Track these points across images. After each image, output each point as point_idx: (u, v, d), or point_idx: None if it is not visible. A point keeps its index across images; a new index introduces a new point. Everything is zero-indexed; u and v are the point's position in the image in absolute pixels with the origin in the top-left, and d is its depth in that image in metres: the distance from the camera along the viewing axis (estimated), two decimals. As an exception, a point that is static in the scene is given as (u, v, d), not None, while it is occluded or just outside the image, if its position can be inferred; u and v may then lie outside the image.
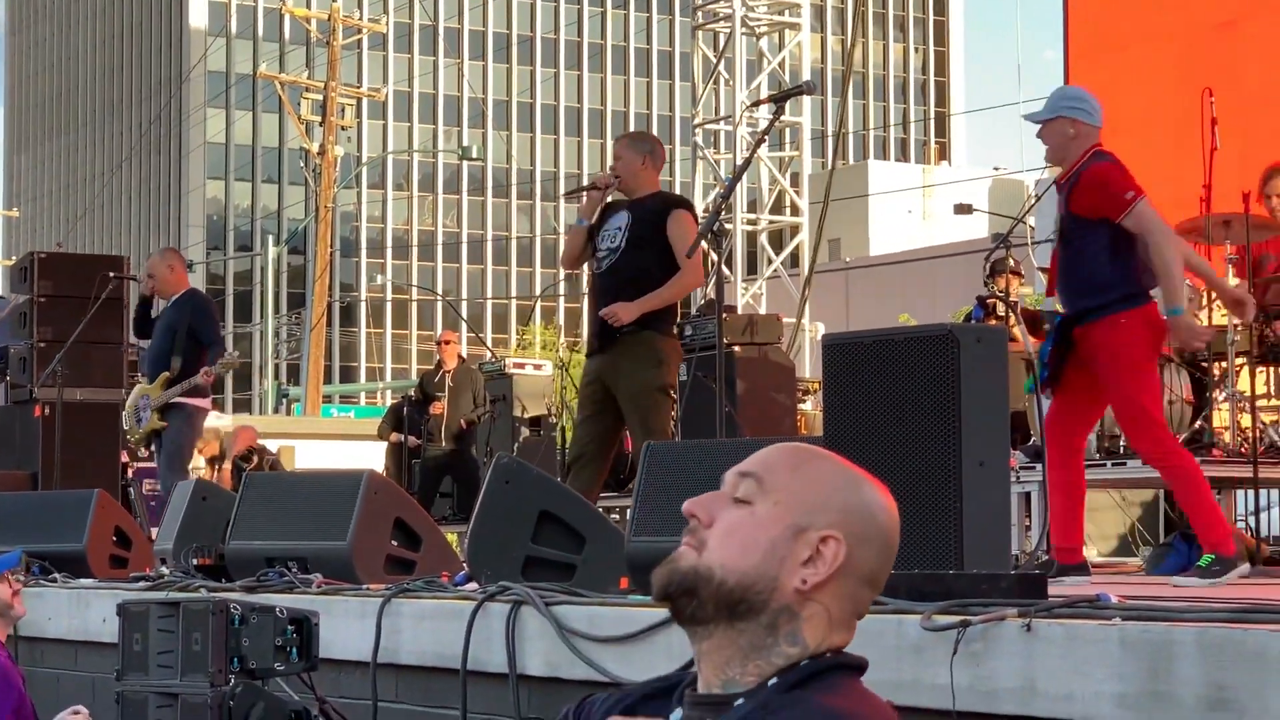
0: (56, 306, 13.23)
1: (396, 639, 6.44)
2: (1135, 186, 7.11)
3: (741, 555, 2.35)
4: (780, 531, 2.37)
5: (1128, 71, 13.15)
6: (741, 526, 2.37)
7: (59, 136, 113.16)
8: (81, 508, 9.42)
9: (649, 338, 8.90)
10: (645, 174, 9.24)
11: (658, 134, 69.40)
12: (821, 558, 2.36)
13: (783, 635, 2.35)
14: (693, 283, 9.34)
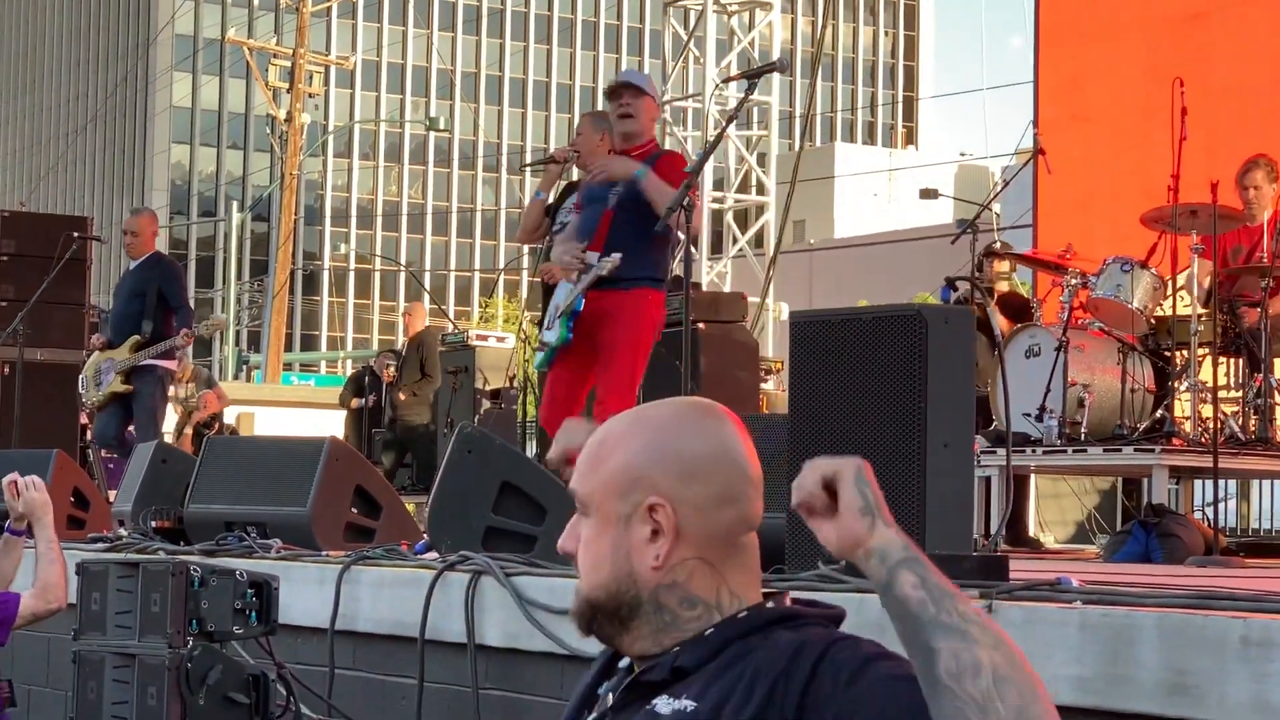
0: (19, 265, 13.17)
1: (355, 606, 6.42)
2: None
3: (596, 571, 2.39)
4: (612, 531, 2.38)
5: (1097, 60, 13.17)
6: (586, 545, 2.41)
7: (24, 95, 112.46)
8: (39, 468, 9.34)
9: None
10: (603, 151, 9.24)
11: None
12: (661, 526, 2.36)
13: (673, 608, 2.36)
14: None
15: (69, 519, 9.29)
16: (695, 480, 2.37)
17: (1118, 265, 9.43)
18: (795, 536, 5.10)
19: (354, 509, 7.54)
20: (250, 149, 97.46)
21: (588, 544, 2.40)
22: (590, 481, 2.41)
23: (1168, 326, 9.48)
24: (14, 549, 6.43)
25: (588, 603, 2.40)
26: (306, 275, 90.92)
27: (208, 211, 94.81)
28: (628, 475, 2.37)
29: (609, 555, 2.37)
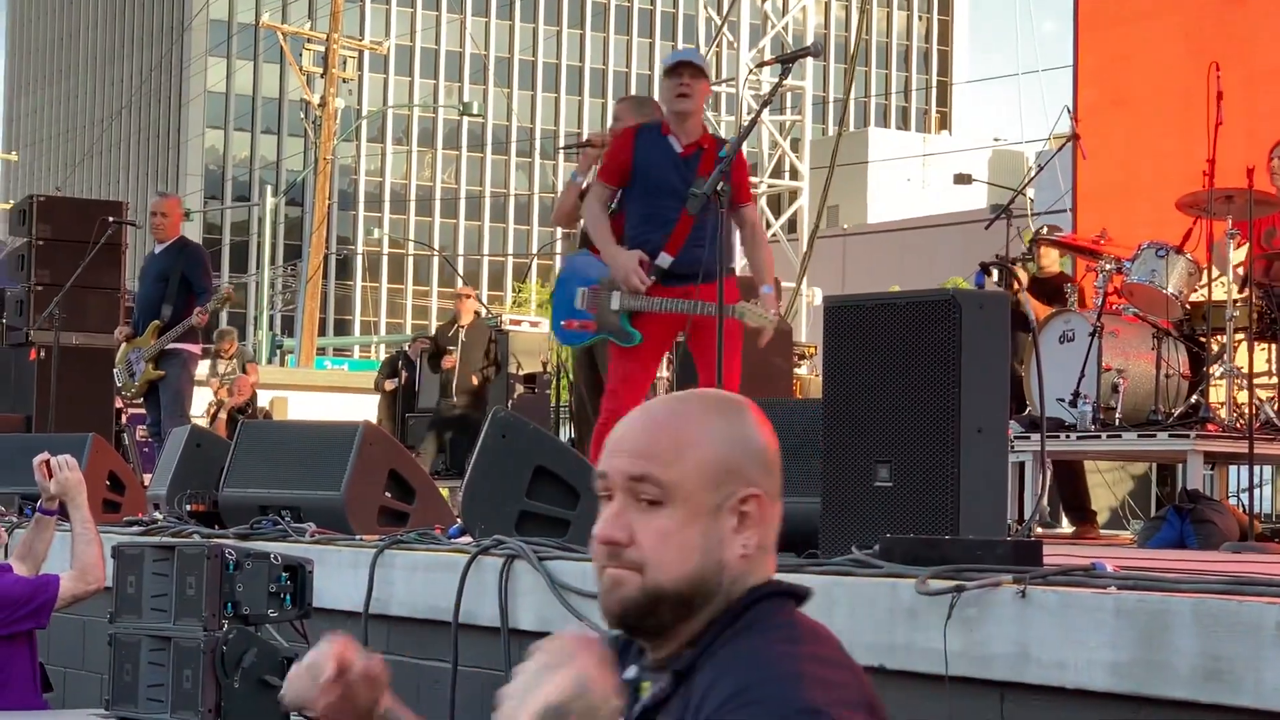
0: (55, 250, 13.21)
1: (389, 590, 6.44)
2: None
3: (683, 561, 2.31)
4: (705, 519, 2.33)
5: (1137, 44, 13.11)
6: (666, 535, 2.31)
7: (60, 81, 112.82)
8: (75, 451, 9.37)
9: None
10: None
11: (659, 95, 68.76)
12: (749, 518, 2.35)
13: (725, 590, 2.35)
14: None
15: (104, 502, 9.34)
16: (772, 471, 2.39)
17: (1152, 250, 9.39)
18: (828, 521, 5.10)
19: (388, 493, 7.55)
20: (284, 134, 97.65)
21: (668, 534, 2.30)
22: (676, 470, 2.32)
23: (1203, 311, 9.43)
24: (46, 529, 6.46)
25: (662, 593, 2.30)
26: (340, 260, 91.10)
27: (242, 196, 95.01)
28: (723, 465, 2.34)
29: (700, 544, 2.31)
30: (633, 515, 2.32)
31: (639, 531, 2.31)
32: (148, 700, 5.06)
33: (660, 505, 2.32)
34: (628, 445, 2.35)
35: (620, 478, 2.33)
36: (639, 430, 2.36)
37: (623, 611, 2.33)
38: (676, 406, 2.38)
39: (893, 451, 4.95)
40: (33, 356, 12.99)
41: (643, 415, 2.38)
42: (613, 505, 2.34)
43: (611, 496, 2.35)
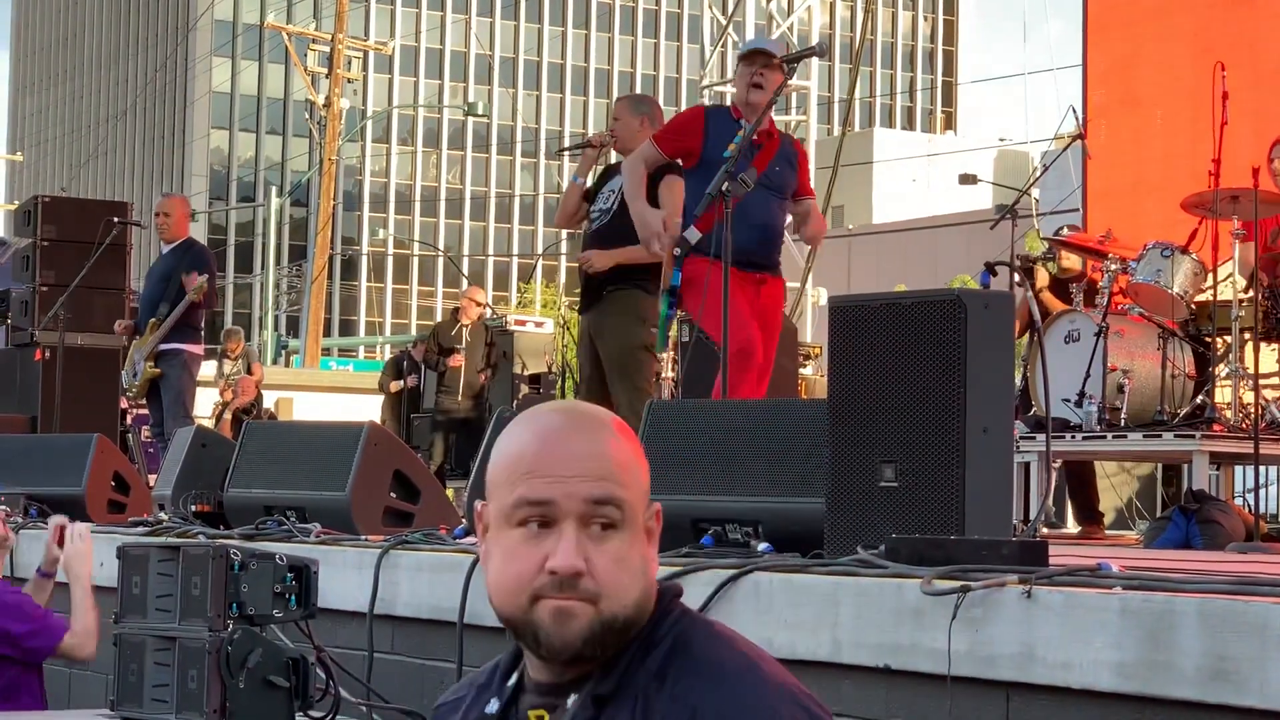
0: (60, 251, 13.21)
1: (394, 590, 6.44)
2: None
3: (632, 586, 2.24)
4: (640, 540, 2.27)
5: (1145, 45, 13.10)
6: (619, 561, 2.22)
7: (64, 82, 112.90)
8: (80, 452, 9.42)
9: (633, 295, 8.91)
10: (643, 136, 9.21)
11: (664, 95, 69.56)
12: (653, 532, 2.31)
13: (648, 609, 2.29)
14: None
15: (110, 503, 9.35)
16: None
17: (1158, 250, 9.38)
18: (834, 521, 5.09)
19: (393, 494, 7.55)
20: (289, 134, 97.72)
21: (621, 559, 2.22)
22: (629, 492, 2.24)
23: (1208, 312, 9.43)
24: (44, 590, 6.52)
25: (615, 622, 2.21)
26: (345, 260, 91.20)
27: (247, 197, 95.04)
28: (646, 482, 2.30)
29: (640, 568, 2.25)
30: (586, 545, 2.21)
31: (592, 559, 2.20)
32: (153, 701, 5.06)
33: (614, 529, 2.23)
34: (578, 469, 2.22)
35: (575, 503, 2.21)
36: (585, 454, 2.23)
37: (582, 646, 2.22)
38: (595, 425, 2.27)
39: (898, 451, 4.95)
40: (38, 357, 13.00)
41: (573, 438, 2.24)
42: (567, 532, 2.21)
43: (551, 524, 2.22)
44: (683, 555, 5.45)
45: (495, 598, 2.25)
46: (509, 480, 2.23)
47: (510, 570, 2.22)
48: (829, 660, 4.71)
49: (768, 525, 5.46)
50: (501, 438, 2.29)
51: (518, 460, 2.24)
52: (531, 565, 2.20)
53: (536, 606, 2.21)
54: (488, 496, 2.28)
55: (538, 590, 2.20)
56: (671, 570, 5.25)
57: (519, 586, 2.21)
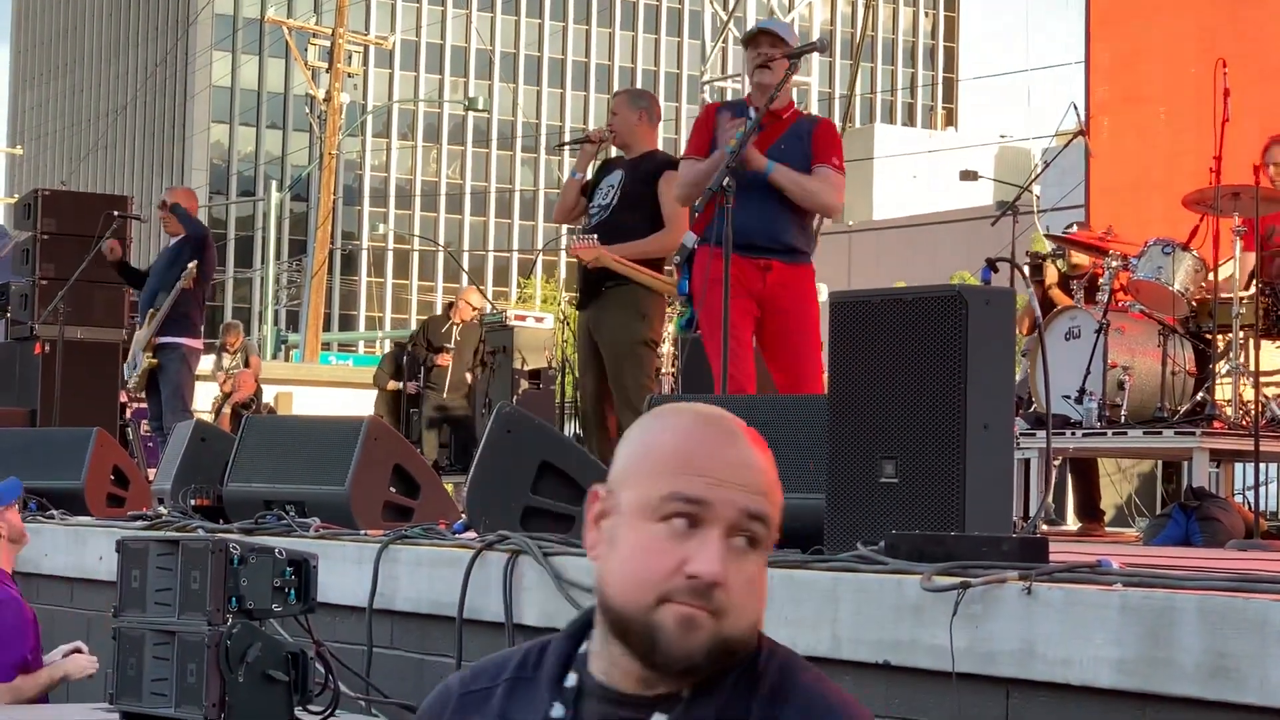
0: (59, 244, 13.21)
1: (393, 585, 6.43)
2: None
3: (756, 610, 2.14)
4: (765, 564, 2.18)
5: (1148, 42, 13.09)
6: (753, 580, 2.12)
7: (64, 75, 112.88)
8: (80, 446, 9.42)
9: (633, 291, 8.84)
10: (642, 130, 9.23)
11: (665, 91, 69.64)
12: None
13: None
14: (674, 242, 9.14)
15: (109, 497, 9.35)
16: None
17: (1159, 247, 9.38)
18: (834, 517, 5.09)
19: (392, 488, 7.54)
20: (289, 129, 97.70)
21: (752, 580, 2.11)
22: (775, 512, 2.14)
23: (1209, 309, 9.42)
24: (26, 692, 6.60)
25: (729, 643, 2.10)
26: (345, 255, 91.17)
27: (247, 191, 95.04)
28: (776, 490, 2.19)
29: (762, 594, 2.15)
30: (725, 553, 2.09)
31: (730, 573, 2.08)
32: (152, 695, 5.06)
33: (755, 548, 2.13)
34: (739, 478, 2.11)
35: (730, 511, 2.10)
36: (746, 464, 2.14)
37: (703, 660, 2.09)
38: (750, 436, 2.17)
39: (898, 447, 4.94)
40: (37, 351, 12.99)
41: (736, 445, 2.14)
42: (714, 539, 2.09)
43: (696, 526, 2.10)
44: (682, 551, 5.44)
45: (615, 590, 2.11)
46: (661, 472, 2.11)
47: (643, 564, 2.09)
48: (828, 656, 4.70)
49: (767, 521, 5.44)
50: (652, 427, 2.18)
51: (676, 454, 2.12)
52: (668, 564, 2.08)
53: (661, 609, 2.08)
54: (621, 482, 2.15)
55: (668, 592, 2.08)
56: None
57: (649, 583, 2.08)
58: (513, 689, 2.23)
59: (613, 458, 2.21)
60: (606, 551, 2.15)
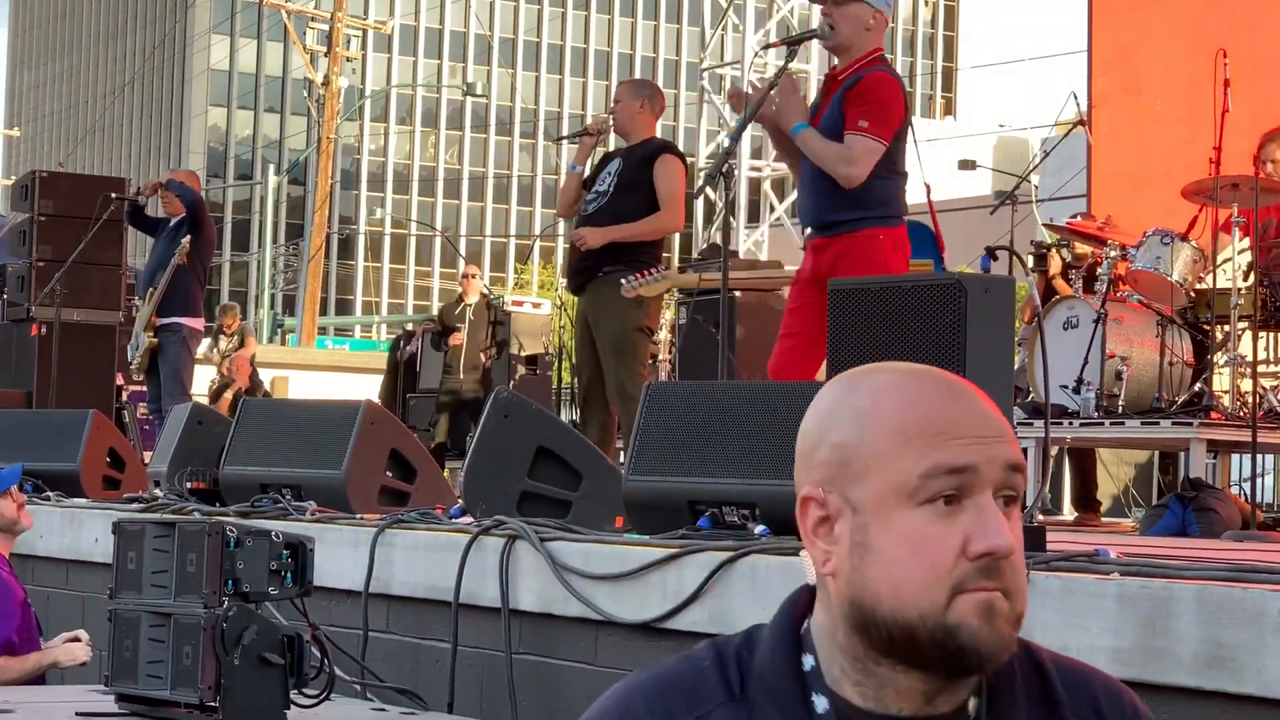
0: (56, 226, 13.18)
1: (389, 569, 6.43)
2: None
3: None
4: None
5: (1146, 32, 13.09)
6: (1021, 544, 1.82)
7: (62, 57, 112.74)
8: (76, 428, 9.41)
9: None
10: (642, 119, 9.27)
11: (664, 78, 69.62)
12: None
13: None
14: (670, 224, 9.11)
15: (104, 479, 9.34)
16: None
17: (1157, 238, 9.38)
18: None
19: (389, 472, 7.54)
20: (287, 112, 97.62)
21: (1022, 544, 1.81)
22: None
23: (1207, 300, 9.42)
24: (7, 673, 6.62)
25: (1021, 623, 1.81)
26: (342, 239, 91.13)
27: (244, 175, 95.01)
28: None
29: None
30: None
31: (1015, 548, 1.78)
32: (147, 677, 5.05)
33: (1016, 505, 1.81)
34: (994, 429, 1.80)
35: (997, 469, 1.78)
36: (986, 410, 1.82)
37: (1002, 652, 1.78)
38: (960, 379, 1.86)
39: (896, 435, 4.93)
40: (34, 332, 12.97)
41: (965, 390, 1.83)
42: (990, 505, 1.77)
43: (960, 498, 1.77)
44: (679, 537, 5.44)
45: (892, 600, 1.75)
46: (908, 448, 1.77)
47: (924, 559, 1.75)
48: (825, 643, 4.70)
49: (765, 508, 5.44)
50: (861, 404, 1.83)
51: (919, 423, 1.78)
52: (950, 550, 1.74)
53: (957, 603, 1.75)
54: (847, 477, 1.80)
55: (959, 581, 1.75)
56: (668, 552, 5.25)
57: (937, 579, 1.74)
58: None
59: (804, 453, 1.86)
60: (858, 561, 1.78)
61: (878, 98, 6.97)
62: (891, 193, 7.00)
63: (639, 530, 5.78)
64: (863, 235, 6.99)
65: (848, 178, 6.98)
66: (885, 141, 6.91)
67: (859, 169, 6.92)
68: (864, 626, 1.78)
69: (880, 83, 7.02)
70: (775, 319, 13.25)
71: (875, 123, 6.92)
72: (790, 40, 7.62)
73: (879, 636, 1.78)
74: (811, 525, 1.82)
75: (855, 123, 6.94)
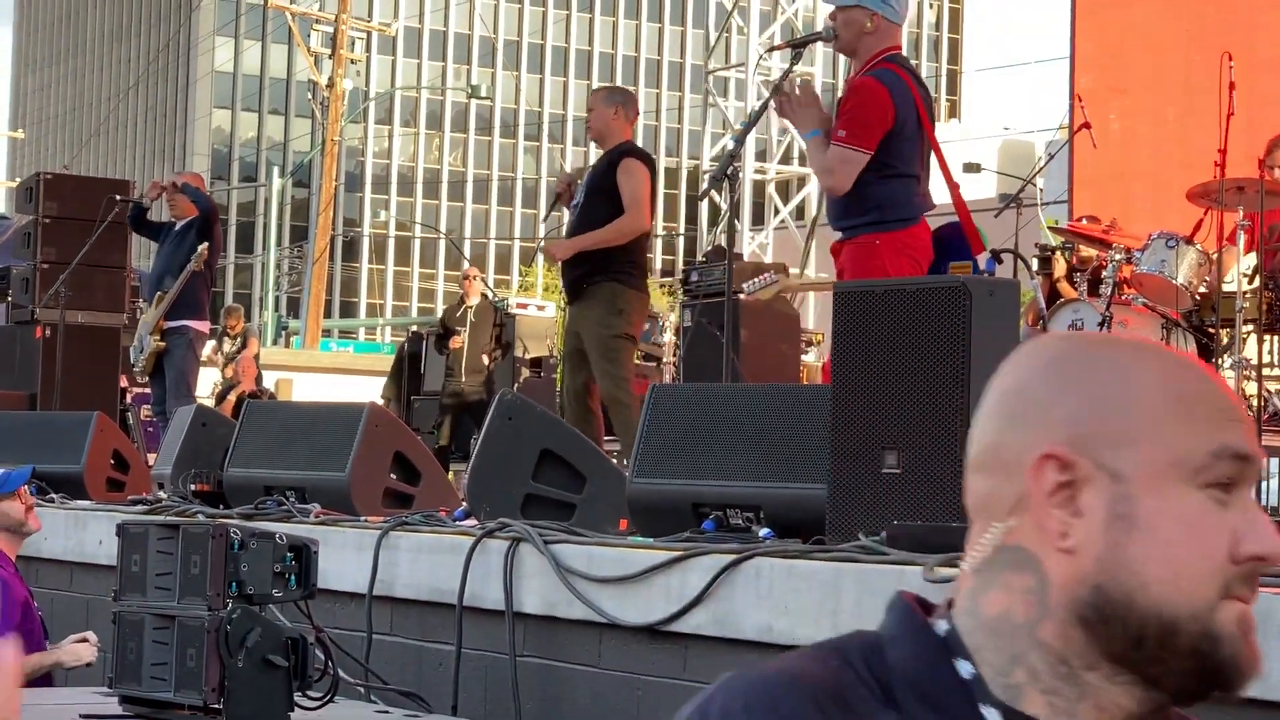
0: (61, 228, 13.18)
1: (393, 572, 6.43)
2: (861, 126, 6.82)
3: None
4: None
5: (1134, 30, 13.05)
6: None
7: (67, 59, 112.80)
8: (80, 430, 9.41)
9: (611, 288, 9.06)
10: (617, 125, 9.49)
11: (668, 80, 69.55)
12: None
13: None
14: (634, 226, 9.18)
15: (108, 481, 9.34)
16: None
17: (1163, 241, 9.37)
18: (836, 507, 5.08)
19: (393, 475, 7.54)
20: (291, 115, 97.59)
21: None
22: None
23: (1212, 303, 9.41)
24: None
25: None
26: (346, 242, 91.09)
27: (248, 177, 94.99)
28: None
29: None
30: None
31: None
32: (151, 679, 5.05)
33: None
34: (1249, 423, 1.57)
35: (1259, 467, 1.55)
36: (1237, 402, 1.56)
37: (1255, 678, 1.55)
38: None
39: (901, 438, 4.93)
40: (38, 334, 12.97)
41: (1218, 376, 1.58)
42: (1255, 505, 1.53)
43: (1234, 487, 1.51)
44: (684, 540, 5.45)
45: (1167, 590, 1.48)
46: (1195, 418, 1.51)
47: (1197, 547, 1.48)
48: (829, 647, 4.69)
49: (769, 511, 5.45)
50: (1130, 365, 1.53)
51: (1205, 395, 1.53)
52: (1221, 545, 1.49)
53: (1221, 609, 1.49)
54: (1118, 438, 1.50)
55: (1227, 584, 1.49)
56: (672, 555, 5.25)
57: (1207, 575, 1.48)
58: None
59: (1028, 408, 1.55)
60: (1120, 536, 1.49)
61: (854, 105, 6.97)
62: (890, 196, 6.95)
63: (643, 533, 5.78)
64: (861, 241, 7.00)
65: (829, 188, 7.05)
66: (864, 149, 6.86)
67: (836, 179, 6.93)
68: (1104, 617, 1.49)
69: (859, 90, 7.01)
70: (779, 322, 13.29)
71: (852, 132, 6.90)
72: (795, 43, 7.61)
73: (1122, 632, 1.49)
74: (1049, 489, 1.51)
75: (836, 133, 6.96)
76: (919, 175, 7.09)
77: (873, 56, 7.05)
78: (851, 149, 6.88)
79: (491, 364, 17.42)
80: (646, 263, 9.40)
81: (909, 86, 6.97)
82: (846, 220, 7.03)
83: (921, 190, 7.10)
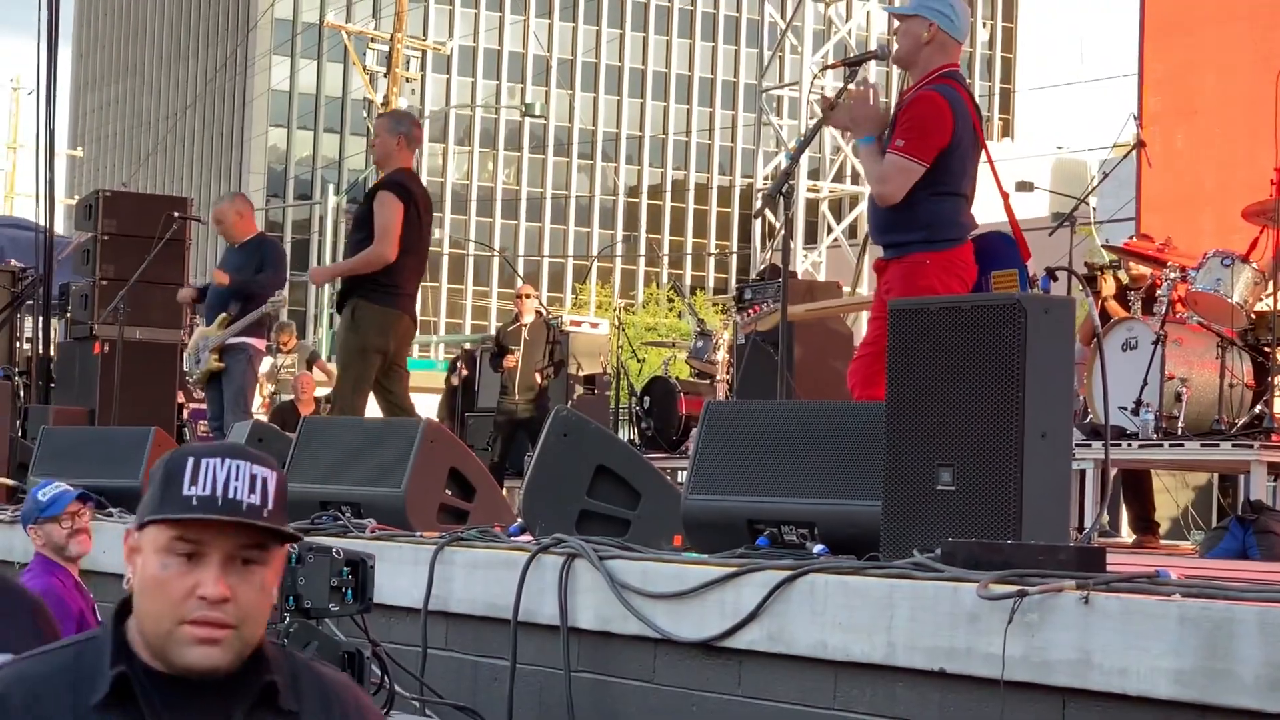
0: (119, 245, 13.29)
1: (448, 587, 6.46)
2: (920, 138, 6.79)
3: None
4: None
5: (1202, 52, 13.03)
6: None
7: (125, 79, 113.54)
8: (138, 445, 9.48)
9: (353, 304, 9.76)
10: (398, 153, 9.94)
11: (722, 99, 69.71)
12: None
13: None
14: (379, 257, 9.70)
15: (166, 497, 9.38)
16: None
17: (1218, 259, 9.34)
18: (890, 524, 5.08)
19: (448, 490, 7.56)
20: (347, 133, 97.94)
21: None
22: None
23: (1268, 321, 9.37)
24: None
25: None
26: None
27: (304, 195, 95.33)
28: None
29: None
30: None
31: None
32: (209, 692, 5.08)
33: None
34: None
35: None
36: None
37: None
38: None
39: (955, 455, 4.93)
40: (96, 350, 13.07)
41: None
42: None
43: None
44: (738, 556, 5.45)
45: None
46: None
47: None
48: (883, 663, 4.70)
49: (823, 527, 5.45)
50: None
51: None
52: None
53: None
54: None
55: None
56: (727, 571, 5.26)
57: None
58: None
59: None
60: None
61: (916, 117, 6.91)
62: (940, 214, 6.93)
63: (697, 549, 5.79)
64: (910, 260, 6.95)
65: (881, 196, 6.98)
66: (921, 161, 6.83)
67: (890, 187, 6.88)
68: None
69: (922, 101, 6.95)
70: (833, 341, 13.30)
71: (911, 142, 6.86)
72: (849, 61, 7.60)
73: None
74: None
75: (894, 142, 6.90)
76: (967, 195, 7.07)
77: (932, 71, 7.01)
78: (909, 159, 6.85)
79: (545, 381, 17.39)
80: (404, 283, 9.89)
81: (967, 105, 6.96)
82: (893, 236, 7.00)
83: (968, 211, 7.09)
